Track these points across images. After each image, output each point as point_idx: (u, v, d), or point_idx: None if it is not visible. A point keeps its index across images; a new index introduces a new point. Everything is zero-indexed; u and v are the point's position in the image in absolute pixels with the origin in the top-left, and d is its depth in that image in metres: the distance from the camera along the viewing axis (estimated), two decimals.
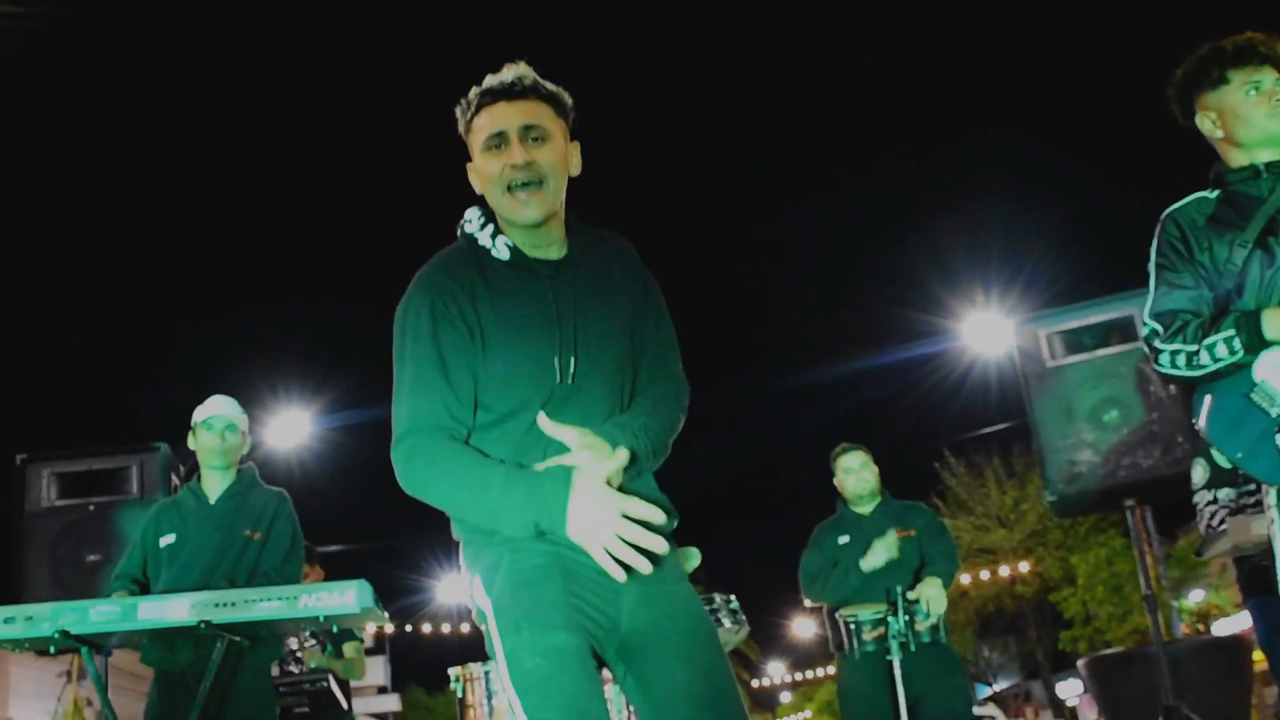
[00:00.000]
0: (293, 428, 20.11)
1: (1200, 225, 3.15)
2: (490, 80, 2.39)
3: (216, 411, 4.68)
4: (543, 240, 2.42)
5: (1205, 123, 3.18)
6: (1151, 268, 3.22)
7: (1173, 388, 5.50)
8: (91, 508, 6.09)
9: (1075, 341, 5.78)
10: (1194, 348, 3.03)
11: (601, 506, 2.10)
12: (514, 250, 2.40)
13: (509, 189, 2.34)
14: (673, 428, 2.48)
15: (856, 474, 5.70)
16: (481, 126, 2.37)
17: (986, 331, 19.86)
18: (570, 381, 2.35)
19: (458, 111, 2.44)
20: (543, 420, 2.28)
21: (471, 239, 2.45)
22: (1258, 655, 6.63)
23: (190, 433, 4.71)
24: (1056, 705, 42.31)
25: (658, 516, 2.12)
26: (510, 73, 2.38)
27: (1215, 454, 4.51)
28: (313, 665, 5.97)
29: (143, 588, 4.49)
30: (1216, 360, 3.00)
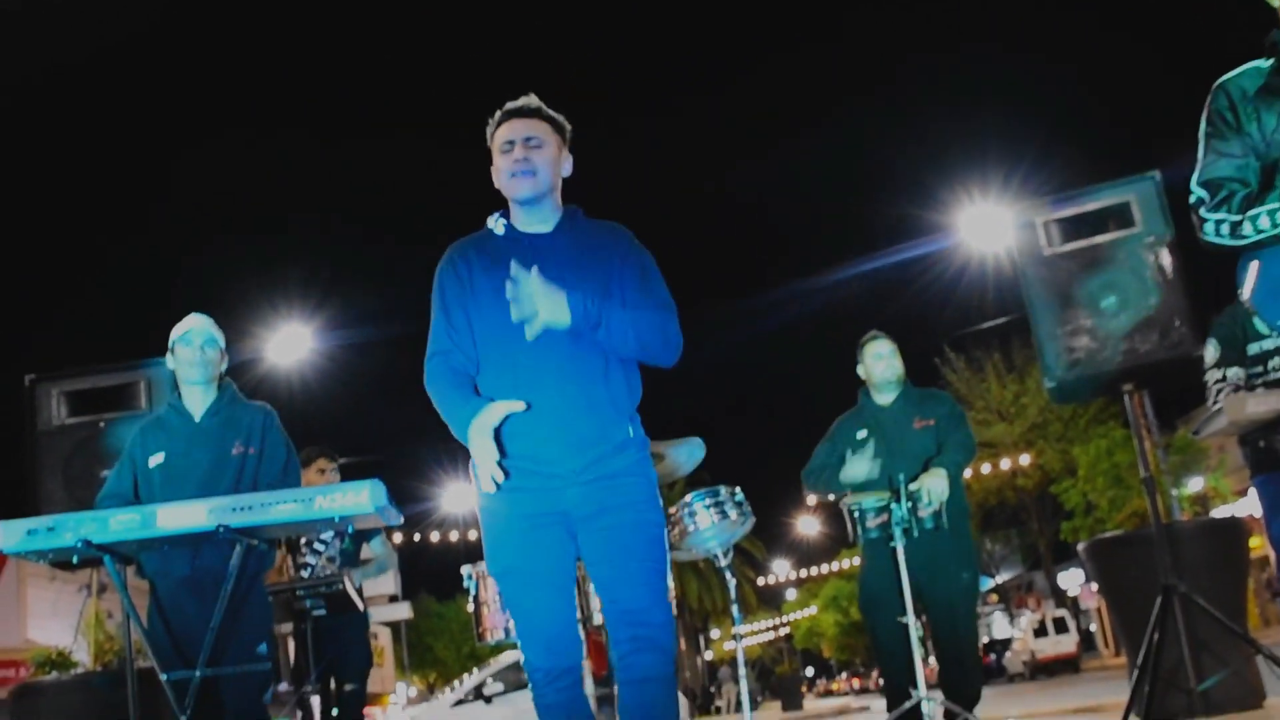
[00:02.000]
0: (294, 343, 20.18)
1: (1250, 94, 3.11)
2: (509, 105, 3.39)
3: (193, 326, 4.70)
4: (535, 217, 3.39)
5: None
6: (1200, 136, 3.19)
7: (1169, 272, 5.53)
8: (102, 424, 6.13)
9: (1072, 228, 5.76)
10: (1238, 218, 3.01)
11: (480, 441, 3.10)
12: (508, 228, 3.41)
13: (512, 175, 3.32)
14: (642, 321, 3.26)
15: (886, 360, 5.78)
16: (499, 136, 3.37)
17: (983, 226, 19.84)
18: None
19: (487, 130, 3.40)
20: (526, 277, 3.13)
21: (487, 227, 3.45)
22: (1255, 541, 6.73)
23: (169, 353, 4.72)
24: (1058, 595, 42.90)
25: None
26: (521, 100, 3.39)
27: (1226, 335, 4.57)
28: (341, 554, 6.03)
29: None
30: (1259, 231, 2.99)
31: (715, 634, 56.32)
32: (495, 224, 3.44)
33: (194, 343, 4.66)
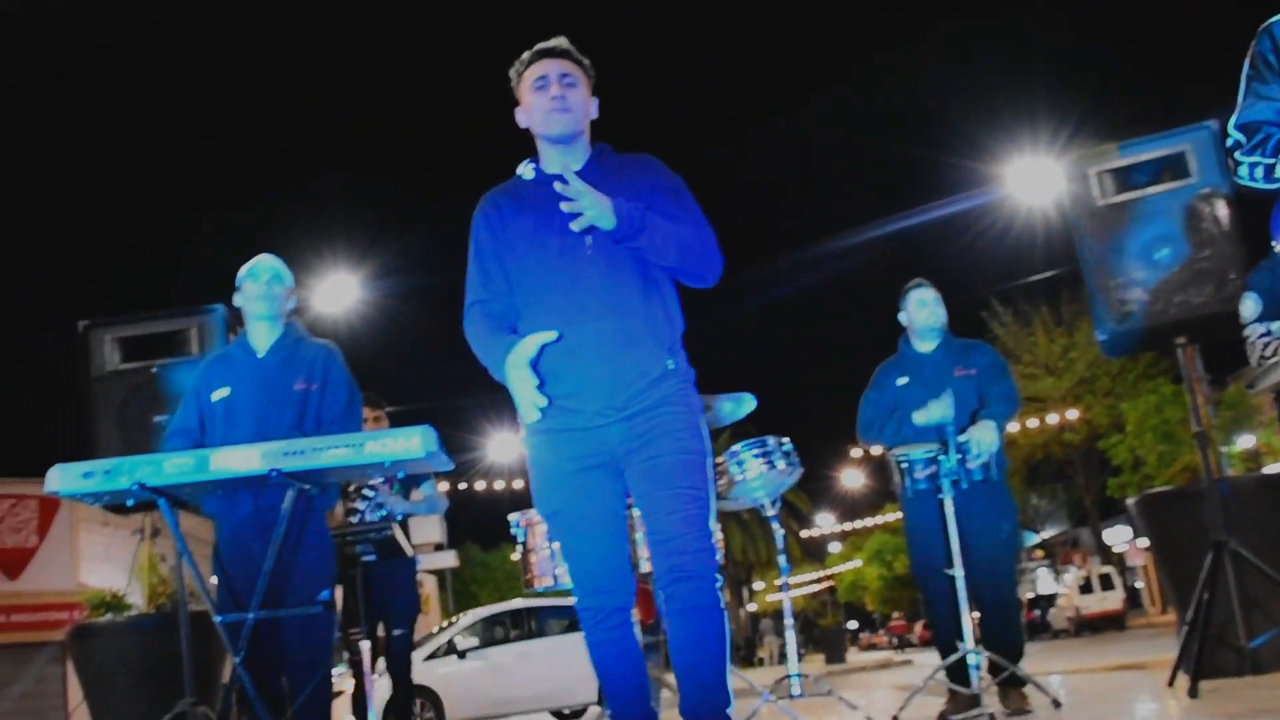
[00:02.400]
0: (341, 292, 20.26)
1: None
2: (540, 45, 3.37)
3: (260, 261, 4.73)
4: (568, 156, 3.37)
5: None
6: (1242, 78, 3.13)
7: (1224, 223, 5.45)
8: (155, 370, 6.20)
9: (1126, 179, 5.69)
10: (1272, 160, 2.96)
11: (516, 374, 3.16)
12: (538, 171, 3.42)
13: (550, 111, 3.31)
14: (683, 233, 3.26)
15: (930, 308, 5.72)
16: (532, 73, 3.36)
17: (1034, 178, 19.57)
18: (568, 245, 3.25)
19: (512, 71, 3.40)
20: (567, 173, 3.15)
21: (517, 174, 3.48)
22: None
23: (236, 291, 4.74)
24: (1104, 552, 42.65)
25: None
26: (553, 41, 3.38)
27: (1266, 287, 4.49)
28: (392, 499, 6.05)
29: (199, 445, 4.53)
30: None
31: (758, 586, 56.52)
32: (525, 169, 3.46)
33: (261, 277, 4.69)
